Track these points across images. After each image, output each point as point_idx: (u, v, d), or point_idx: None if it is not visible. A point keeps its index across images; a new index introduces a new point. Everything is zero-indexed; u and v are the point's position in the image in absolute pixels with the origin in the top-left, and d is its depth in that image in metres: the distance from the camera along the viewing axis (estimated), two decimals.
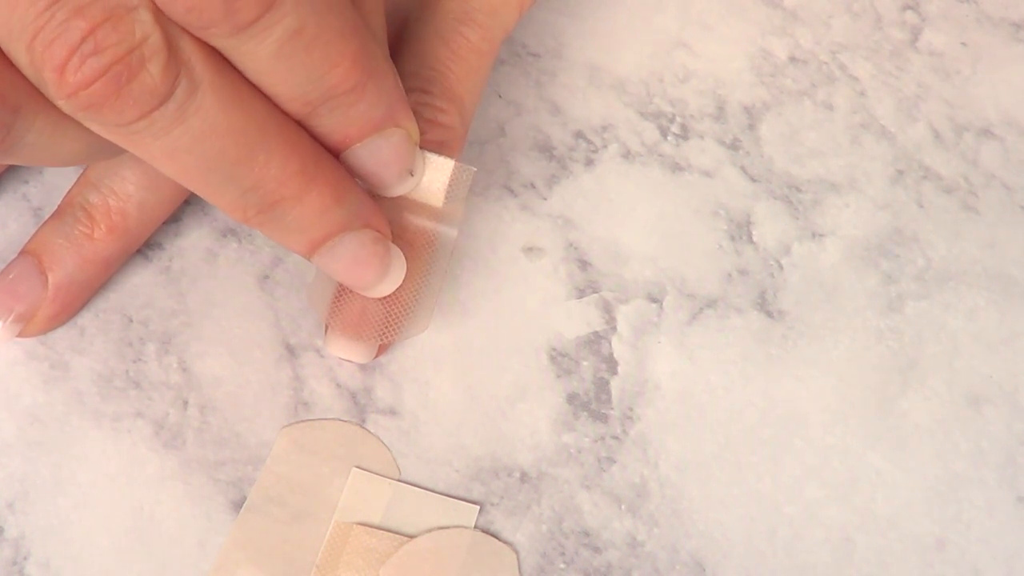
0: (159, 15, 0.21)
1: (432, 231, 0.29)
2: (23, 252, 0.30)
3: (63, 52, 0.21)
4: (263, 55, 0.23)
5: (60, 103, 0.22)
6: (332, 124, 0.25)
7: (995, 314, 0.34)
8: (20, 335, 0.30)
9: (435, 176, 0.28)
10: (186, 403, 0.30)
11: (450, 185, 0.28)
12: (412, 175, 0.28)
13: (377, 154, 0.26)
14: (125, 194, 0.30)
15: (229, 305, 0.32)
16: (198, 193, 0.25)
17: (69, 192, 0.30)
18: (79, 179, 0.30)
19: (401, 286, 0.29)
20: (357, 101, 0.25)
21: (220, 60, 0.23)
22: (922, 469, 0.31)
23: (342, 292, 0.29)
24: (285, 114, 0.25)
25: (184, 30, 0.22)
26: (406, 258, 0.29)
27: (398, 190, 0.28)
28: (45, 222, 0.30)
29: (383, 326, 0.29)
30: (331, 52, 0.24)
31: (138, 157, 0.24)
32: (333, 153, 0.26)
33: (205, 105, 0.23)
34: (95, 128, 0.23)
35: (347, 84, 0.24)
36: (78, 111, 0.22)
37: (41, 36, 0.21)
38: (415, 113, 0.30)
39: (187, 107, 0.22)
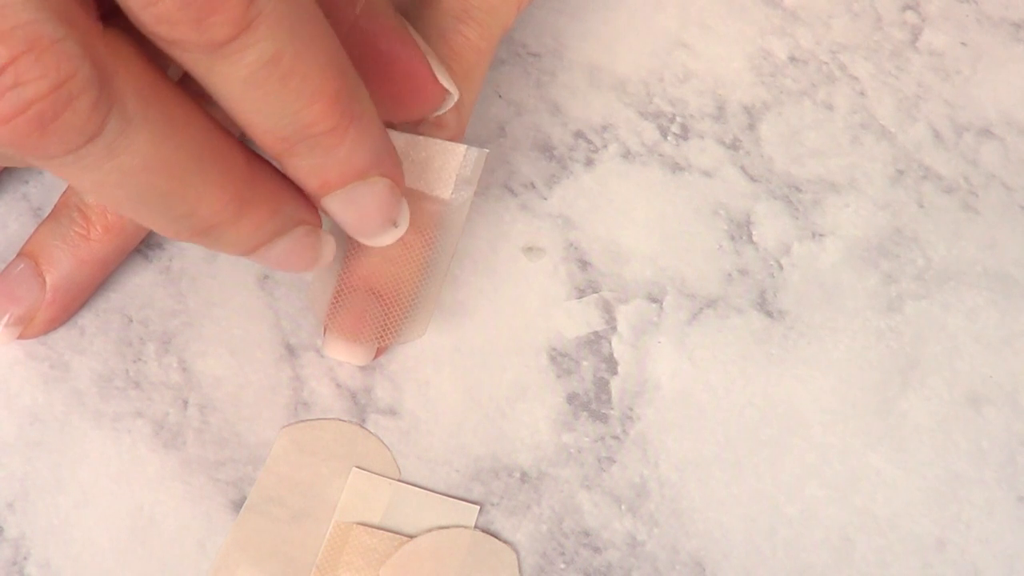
0: (89, 44, 0.20)
1: (431, 232, 0.29)
2: (20, 254, 0.30)
3: None
4: (236, 79, 0.21)
5: None
6: (310, 167, 0.24)
7: (995, 314, 0.34)
8: (19, 337, 0.30)
9: (445, 162, 0.27)
10: (186, 403, 0.30)
11: (459, 172, 0.28)
12: (396, 226, 0.27)
13: (358, 203, 0.25)
14: None
15: (229, 305, 0.32)
16: (123, 214, 0.24)
17: (65, 193, 0.30)
18: None
19: (399, 288, 0.29)
20: (337, 144, 0.24)
21: (155, 90, 0.21)
22: (922, 469, 0.31)
23: (340, 294, 0.29)
24: (222, 136, 0.23)
25: (119, 58, 0.21)
26: (403, 261, 0.28)
27: (379, 241, 0.27)
28: (41, 223, 0.30)
29: (381, 328, 0.29)
30: (309, 85, 0.22)
31: None
32: (311, 198, 0.25)
33: (137, 142, 0.21)
34: (18, 156, 0.21)
35: (325, 124, 0.23)
36: None
37: None
38: None
39: (117, 145, 0.21)
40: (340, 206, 0.26)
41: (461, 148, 0.27)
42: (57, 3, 0.19)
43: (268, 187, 0.24)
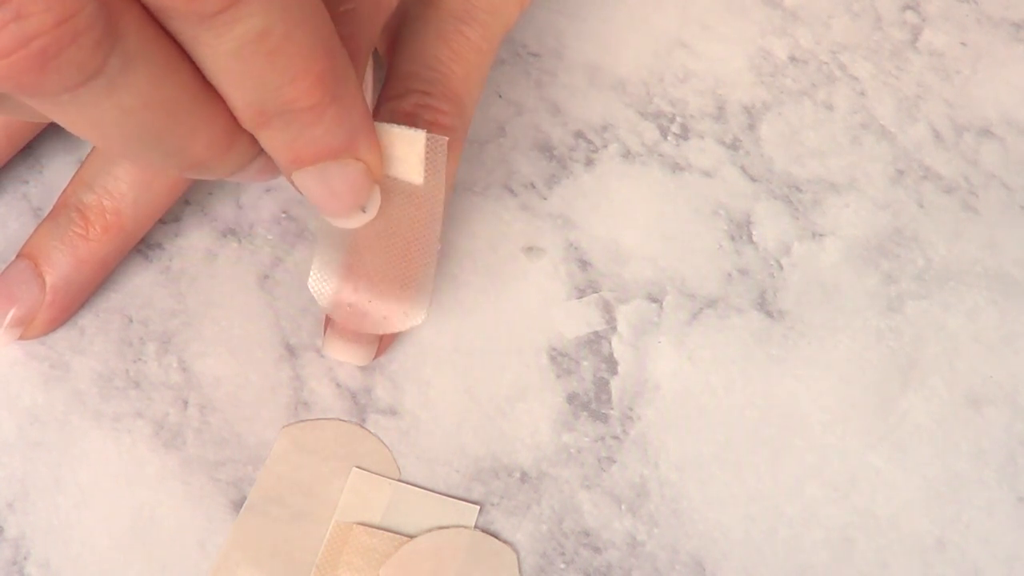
0: None
1: (415, 213, 0.28)
2: (19, 256, 0.30)
3: None
4: (222, 52, 0.21)
5: None
6: (283, 141, 0.24)
7: (995, 314, 0.34)
8: (20, 338, 0.30)
9: (409, 150, 0.27)
10: (186, 403, 0.30)
11: (427, 158, 0.27)
12: (364, 211, 0.26)
13: (327, 182, 0.25)
14: (119, 193, 0.30)
15: (229, 305, 0.32)
16: (113, 154, 0.23)
17: (63, 193, 0.30)
18: (73, 179, 0.30)
19: (398, 271, 0.28)
20: (314, 122, 0.23)
21: (156, 27, 0.21)
22: (922, 469, 0.31)
23: (345, 287, 0.29)
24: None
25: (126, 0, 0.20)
26: (394, 248, 0.28)
27: (344, 223, 0.27)
28: (40, 224, 0.30)
29: (384, 320, 0.29)
30: (295, 64, 0.22)
31: None
32: (283, 173, 0.25)
33: (138, 80, 0.21)
34: (12, 94, 0.20)
35: (306, 102, 0.23)
36: None
37: None
38: (415, 115, 0.29)
39: (117, 83, 0.20)
40: (309, 182, 0.25)
41: (421, 134, 0.27)
42: None
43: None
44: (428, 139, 0.27)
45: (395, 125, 0.27)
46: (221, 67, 0.22)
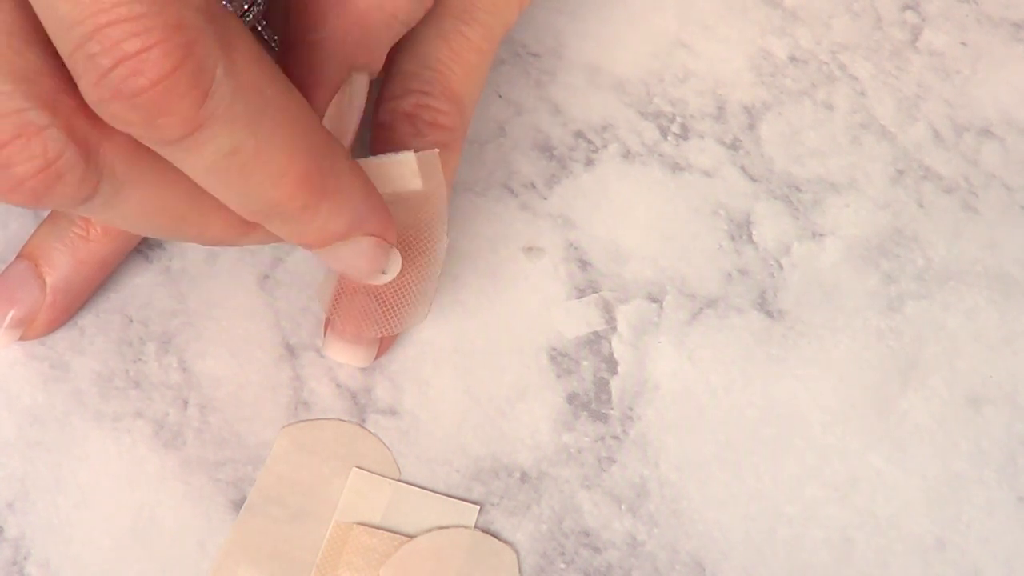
0: (72, 127, 0.21)
1: (416, 218, 0.29)
2: (19, 256, 0.30)
3: None
4: (199, 169, 0.22)
5: None
6: (287, 233, 0.24)
7: (995, 314, 0.34)
8: (21, 339, 0.30)
9: (403, 170, 0.27)
10: (186, 403, 0.30)
11: (421, 171, 0.27)
12: (385, 273, 0.27)
13: (342, 259, 0.26)
14: None
15: (229, 305, 0.32)
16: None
17: None
18: None
19: (399, 278, 0.28)
20: (311, 219, 0.24)
21: (144, 150, 0.22)
22: (922, 469, 0.31)
23: (341, 297, 0.29)
24: None
25: (104, 131, 0.21)
26: (404, 264, 0.28)
27: (370, 283, 0.28)
28: (40, 225, 0.30)
29: (382, 330, 0.29)
30: (273, 171, 0.22)
31: None
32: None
33: (132, 198, 0.22)
34: None
35: (294, 203, 0.23)
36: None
37: None
38: (415, 115, 0.30)
39: (113, 201, 0.22)
40: (325, 260, 0.26)
41: (411, 156, 0.27)
42: (42, 92, 0.20)
43: None
44: (419, 158, 0.27)
45: (384, 157, 0.27)
46: (201, 180, 0.23)
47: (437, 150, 0.28)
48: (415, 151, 0.27)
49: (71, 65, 0.20)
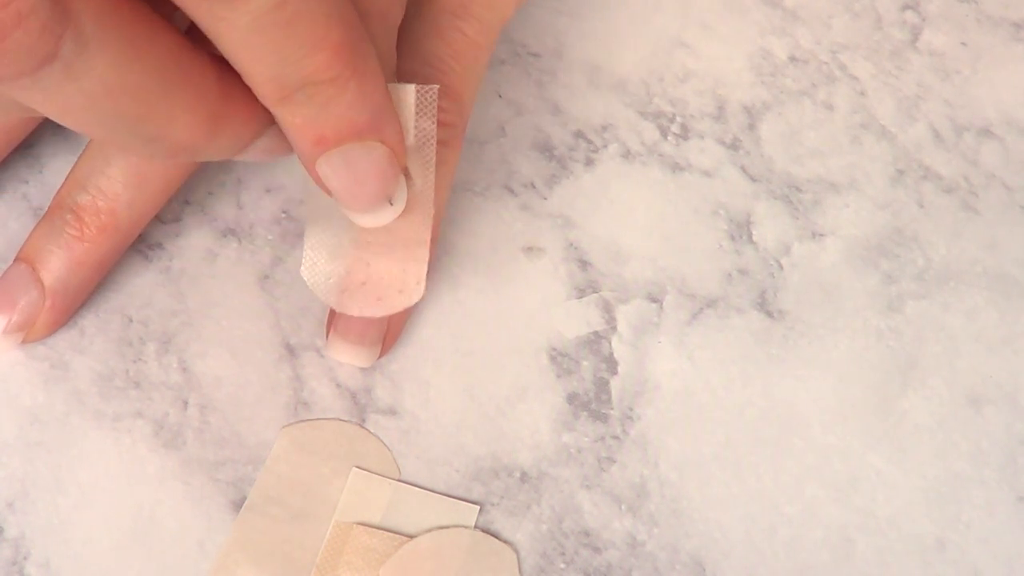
0: None
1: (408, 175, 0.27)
2: (17, 259, 0.30)
3: None
4: (240, 26, 0.21)
5: None
6: (305, 117, 0.23)
7: (995, 314, 0.34)
8: (22, 342, 0.30)
9: (400, 99, 0.26)
10: (186, 403, 0.30)
11: (417, 112, 0.26)
12: (391, 204, 0.25)
13: (353, 166, 0.24)
14: (113, 193, 0.29)
15: (229, 305, 0.32)
16: (94, 139, 0.23)
17: (57, 194, 0.30)
18: (66, 180, 0.30)
19: (395, 229, 0.27)
20: (337, 95, 0.23)
21: (116, 9, 0.20)
22: (922, 469, 0.31)
23: (340, 270, 0.29)
24: (191, 54, 0.22)
25: None
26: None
27: (372, 219, 0.26)
28: (36, 226, 0.30)
29: (385, 329, 0.29)
30: (313, 34, 0.22)
31: (125, 156, 0.23)
32: (305, 162, 0.25)
33: (98, 65, 0.20)
34: None
35: (327, 73, 0.22)
36: None
37: None
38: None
39: (75, 68, 0.20)
40: (334, 168, 0.24)
41: (411, 88, 0.26)
42: None
43: (242, 99, 0.24)
44: (418, 91, 0.26)
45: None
46: (239, 41, 0.21)
47: (437, 86, 0.26)
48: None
49: None
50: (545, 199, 0.35)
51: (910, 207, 0.36)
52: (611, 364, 0.32)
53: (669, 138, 0.36)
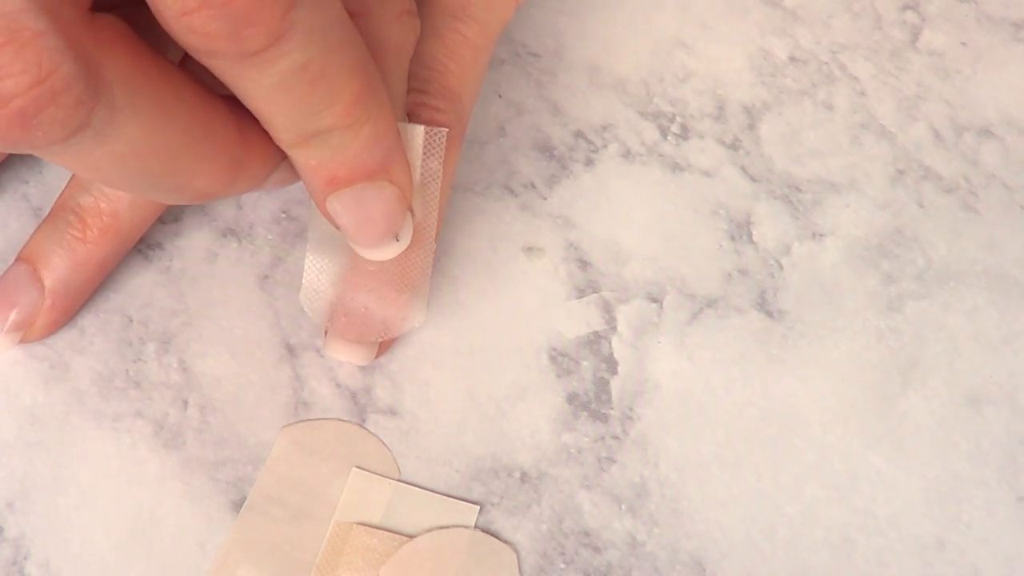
0: (74, 36, 0.19)
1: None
2: (18, 259, 0.30)
3: None
4: (265, 85, 0.22)
5: None
6: (319, 159, 0.24)
7: (995, 314, 0.34)
8: (21, 342, 0.30)
9: (410, 140, 0.27)
10: (186, 403, 0.30)
11: (425, 152, 0.27)
12: (397, 240, 0.26)
13: (363, 205, 0.25)
14: (115, 195, 0.29)
15: (229, 305, 0.32)
16: (128, 192, 0.24)
17: (60, 195, 0.30)
18: (69, 181, 0.30)
19: (398, 265, 0.28)
20: (351, 140, 0.24)
21: (144, 76, 0.21)
22: (922, 469, 0.31)
23: (341, 297, 0.29)
24: (213, 108, 0.23)
25: (106, 47, 0.20)
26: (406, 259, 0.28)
27: (378, 254, 0.27)
28: (38, 227, 0.30)
29: (383, 328, 0.29)
30: (334, 88, 0.22)
31: None
32: (316, 199, 0.25)
33: (127, 130, 0.21)
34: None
35: (344, 121, 0.23)
36: None
37: None
38: (412, 114, 0.29)
39: (106, 134, 0.20)
40: (345, 205, 0.25)
41: (420, 129, 0.27)
42: None
43: (259, 142, 0.24)
44: (427, 132, 0.27)
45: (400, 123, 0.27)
46: (263, 98, 0.22)
47: (446, 129, 0.27)
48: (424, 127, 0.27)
49: None
50: (545, 199, 0.35)
51: (910, 207, 0.36)
52: (611, 364, 0.32)
53: (669, 138, 0.36)
